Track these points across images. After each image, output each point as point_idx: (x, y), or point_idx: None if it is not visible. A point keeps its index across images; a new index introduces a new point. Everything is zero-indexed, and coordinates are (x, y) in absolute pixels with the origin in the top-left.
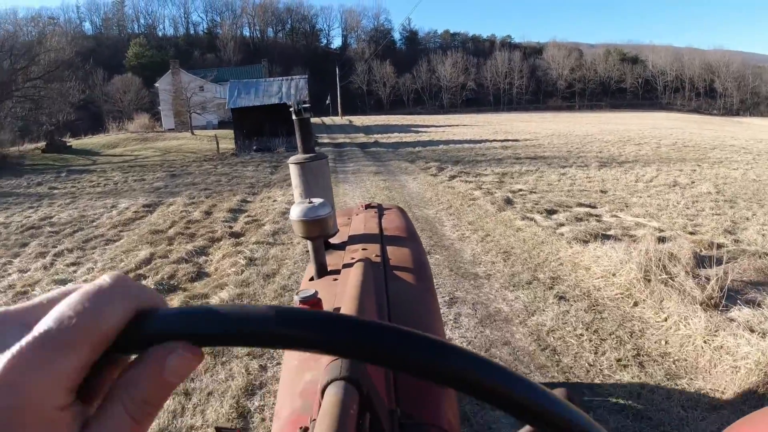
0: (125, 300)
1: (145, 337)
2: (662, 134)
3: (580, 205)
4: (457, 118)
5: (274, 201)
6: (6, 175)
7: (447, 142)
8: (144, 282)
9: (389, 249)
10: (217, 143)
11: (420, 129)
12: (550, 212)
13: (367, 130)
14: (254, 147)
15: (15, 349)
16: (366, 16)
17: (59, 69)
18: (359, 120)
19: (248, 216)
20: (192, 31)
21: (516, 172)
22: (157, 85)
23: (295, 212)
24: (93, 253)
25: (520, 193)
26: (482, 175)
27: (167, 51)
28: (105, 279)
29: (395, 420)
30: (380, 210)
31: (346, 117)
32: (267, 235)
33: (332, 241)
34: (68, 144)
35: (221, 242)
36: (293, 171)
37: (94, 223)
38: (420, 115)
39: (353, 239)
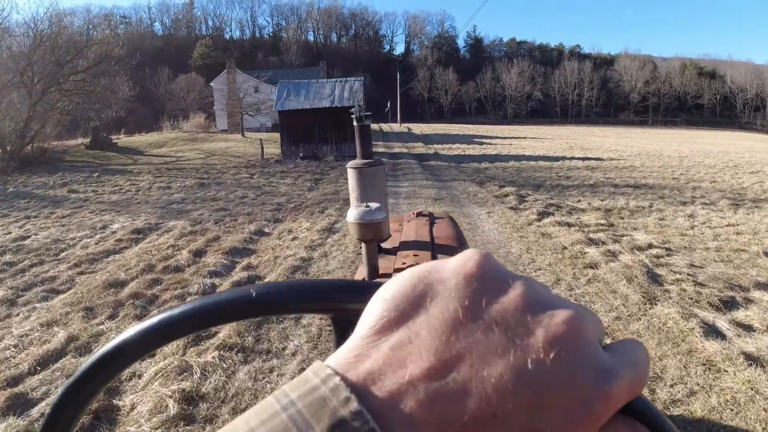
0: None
1: (641, 415)
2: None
3: (759, 286)
4: (522, 130)
5: (295, 238)
6: (41, 171)
7: (518, 158)
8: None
9: (440, 257)
10: (262, 148)
11: (484, 140)
12: (728, 305)
13: (427, 139)
14: (300, 154)
15: (616, 371)
16: (430, 23)
17: (103, 63)
18: (418, 128)
19: (248, 266)
20: (257, 34)
21: (623, 207)
22: (212, 84)
23: (352, 215)
24: (17, 314)
25: (654, 253)
26: (579, 210)
27: (232, 52)
28: (641, 342)
29: None
30: (431, 218)
31: (405, 124)
32: (251, 325)
33: (384, 245)
34: (114, 141)
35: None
36: (351, 175)
37: (61, 255)
38: (482, 125)
39: (405, 245)
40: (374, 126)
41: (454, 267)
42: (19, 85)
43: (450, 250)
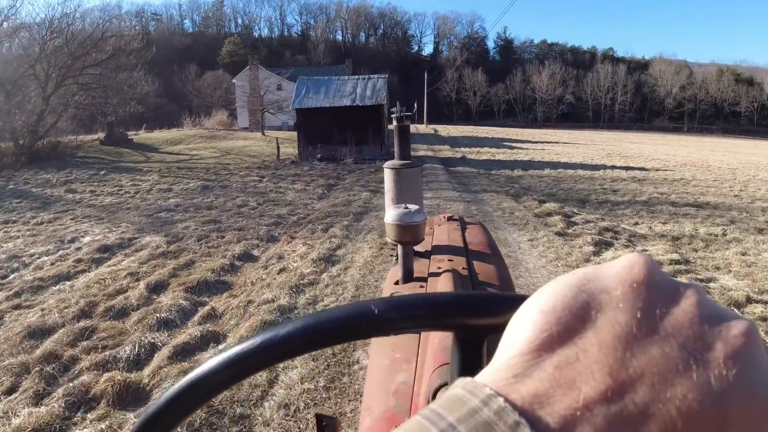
0: None
1: None
2: None
3: None
4: (553, 134)
5: (283, 270)
6: (50, 166)
7: (553, 165)
8: None
9: (475, 263)
10: (278, 148)
11: (514, 144)
12: None
13: (453, 142)
14: (318, 155)
15: None
16: (460, 23)
17: (117, 56)
18: (445, 130)
19: (210, 314)
20: (286, 33)
21: (693, 235)
22: (234, 81)
23: (391, 216)
24: None
25: (759, 312)
26: (640, 237)
27: (260, 50)
28: None
29: None
30: (462, 223)
31: (432, 126)
32: None
33: (416, 248)
34: (130, 137)
35: None
36: (388, 175)
37: (7, 279)
38: (511, 128)
39: (437, 249)
40: None
41: (619, 273)
42: (32, 78)
43: (485, 257)
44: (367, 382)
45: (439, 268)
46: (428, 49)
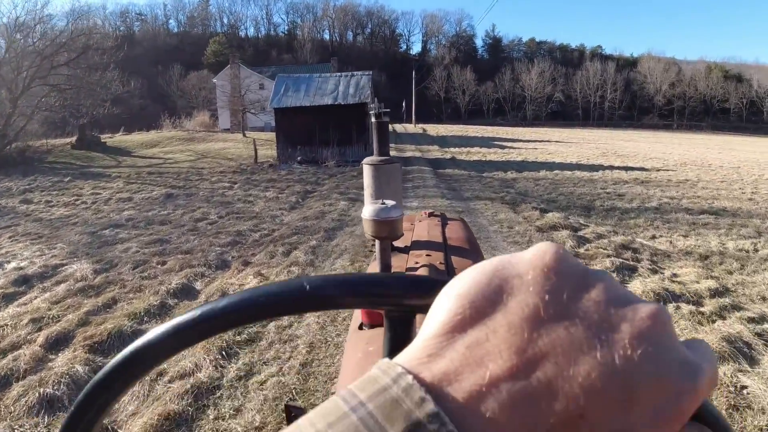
0: None
1: (708, 418)
2: None
3: None
4: (544, 132)
5: None
6: (16, 172)
7: (548, 166)
8: None
9: (453, 259)
10: (255, 151)
11: (505, 144)
12: None
13: (442, 141)
14: (298, 158)
15: (700, 366)
16: (448, 21)
17: (85, 54)
18: (434, 129)
19: None
20: (272, 32)
21: (721, 251)
22: (214, 80)
23: (368, 211)
24: None
25: None
26: (662, 255)
27: (246, 50)
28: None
29: None
30: (443, 219)
31: (420, 125)
32: None
33: (395, 244)
34: (103, 140)
35: None
36: (366, 171)
37: None
38: (501, 127)
39: (416, 245)
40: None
41: (531, 260)
42: None
43: (463, 252)
44: (341, 375)
45: (417, 263)
46: (416, 48)
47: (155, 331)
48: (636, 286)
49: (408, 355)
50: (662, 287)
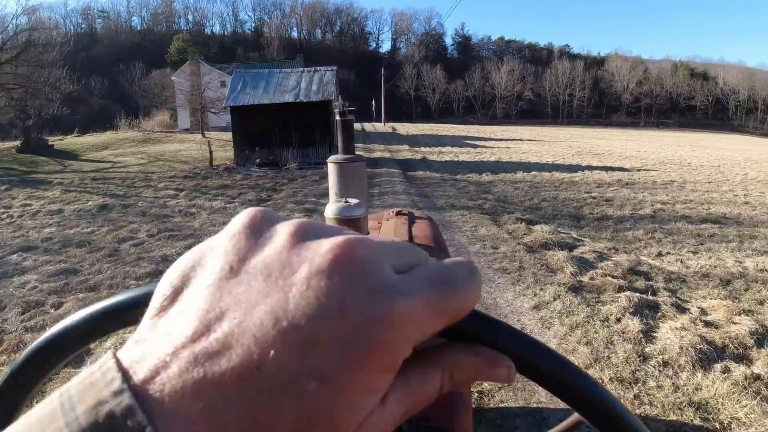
0: (479, 291)
1: (483, 336)
2: None
3: None
4: (515, 130)
5: None
6: None
7: (525, 167)
8: None
9: None
10: (210, 154)
11: (477, 143)
12: None
13: (413, 141)
14: (257, 160)
15: (403, 291)
16: (417, 20)
17: (26, 51)
18: (404, 128)
19: None
20: (239, 29)
21: (742, 271)
22: (173, 77)
23: (330, 210)
24: None
25: None
26: (679, 281)
27: (211, 47)
28: (470, 261)
29: (412, 422)
30: (411, 218)
31: (390, 124)
32: None
33: None
34: (50, 143)
35: None
36: (331, 170)
37: None
38: (472, 126)
39: None
40: (356, 126)
41: (225, 230)
42: None
43: (429, 251)
44: None
45: None
46: (386, 46)
47: (79, 314)
48: (667, 335)
49: (126, 345)
50: (698, 334)
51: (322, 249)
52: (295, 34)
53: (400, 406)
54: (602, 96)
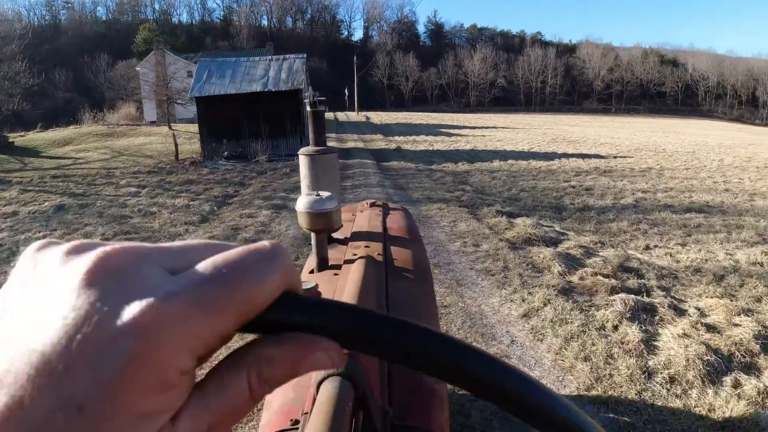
0: (283, 274)
1: (291, 323)
2: None
3: None
4: (488, 118)
5: None
6: None
7: (501, 155)
8: None
9: (392, 249)
10: (176, 147)
11: (452, 131)
12: None
13: (387, 130)
14: (224, 153)
15: (160, 294)
16: (389, 7)
17: None
18: (378, 117)
19: None
20: (207, 18)
21: (734, 265)
22: (138, 68)
23: (302, 203)
24: None
25: None
26: (670, 277)
27: (179, 37)
28: (265, 244)
29: (387, 421)
30: (385, 209)
31: (364, 113)
32: None
33: (335, 236)
34: (10, 140)
35: None
36: (303, 162)
37: None
38: (446, 114)
39: (357, 236)
40: (329, 115)
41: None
42: None
43: (403, 242)
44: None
45: (355, 254)
46: (358, 35)
47: None
48: (669, 344)
49: None
50: (702, 342)
51: (80, 263)
52: (265, 22)
53: (199, 423)
54: (574, 83)
